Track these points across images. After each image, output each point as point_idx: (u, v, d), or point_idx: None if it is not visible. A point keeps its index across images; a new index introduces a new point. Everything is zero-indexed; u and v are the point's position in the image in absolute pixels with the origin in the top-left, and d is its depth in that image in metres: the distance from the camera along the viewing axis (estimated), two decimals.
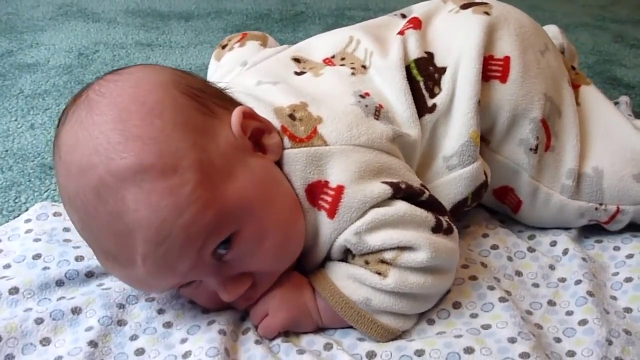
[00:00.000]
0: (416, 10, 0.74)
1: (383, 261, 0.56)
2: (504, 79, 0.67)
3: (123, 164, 0.49)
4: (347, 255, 0.58)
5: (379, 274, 0.55)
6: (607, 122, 0.72)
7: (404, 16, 0.75)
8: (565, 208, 0.69)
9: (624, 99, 0.97)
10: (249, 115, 0.56)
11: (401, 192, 0.57)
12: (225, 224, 0.51)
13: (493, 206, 0.73)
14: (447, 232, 0.58)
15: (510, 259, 0.67)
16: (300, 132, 0.57)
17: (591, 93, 0.76)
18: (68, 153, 0.51)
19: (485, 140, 0.68)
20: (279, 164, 0.57)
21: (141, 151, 0.49)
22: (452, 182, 0.65)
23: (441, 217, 0.58)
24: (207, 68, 0.85)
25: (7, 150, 0.88)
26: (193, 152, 0.50)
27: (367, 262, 0.56)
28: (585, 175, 0.69)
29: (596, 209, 0.69)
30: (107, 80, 0.53)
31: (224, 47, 0.83)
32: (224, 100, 0.58)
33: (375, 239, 0.55)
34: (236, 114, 0.55)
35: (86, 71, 1.14)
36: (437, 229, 0.57)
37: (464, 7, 0.72)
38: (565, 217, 0.70)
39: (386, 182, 0.57)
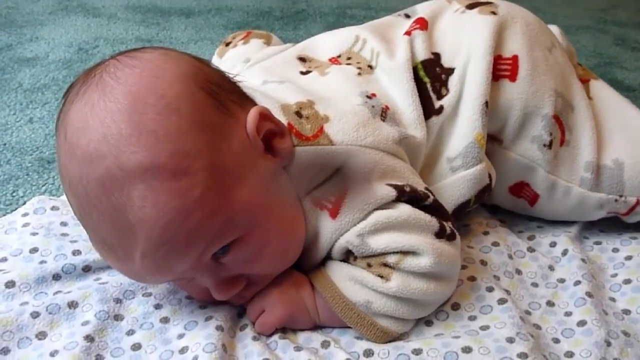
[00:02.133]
0: (421, 11, 0.74)
1: (386, 265, 0.55)
2: (513, 77, 0.66)
3: (134, 158, 0.47)
4: (348, 256, 0.58)
5: (382, 277, 0.55)
6: (623, 114, 0.73)
7: (407, 16, 0.74)
8: (585, 200, 0.69)
9: None
10: (265, 116, 0.54)
11: (405, 195, 0.56)
12: (230, 230, 0.51)
13: (507, 204, 0.73)
14: (450, 237, 0.57)
15: (510, 256, 0.67)
16: (306, 130, 0.56)
17: (602, 87, 0.76)
18: (75, 136, 0.49)
19: (497, 139, 0.67)
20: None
21: (154, 148, 0.47)
22: (455, 183, 0.64)
23: (444, 223, 0.57)
24: None
25: (5, 144, 0.88)
26: (206, 154, 0.49)
27: (369, 265, 0.56)
28: (605, 168, 0.68)
29: (616, 200, 0.69)
30: (124, 64, 0.51)
31: (227, 44, 0.81)
32: (239, 97, 0.56)
33: (378, 242, 0.55)
34: (253, 115, 0.53)
35: (86, 66, 1.13)
36: (440, 234, 0.56)
37: (470, 7, 0.71)
38: (584, 209, 0.70)
39: (391, 185, 0.56)
